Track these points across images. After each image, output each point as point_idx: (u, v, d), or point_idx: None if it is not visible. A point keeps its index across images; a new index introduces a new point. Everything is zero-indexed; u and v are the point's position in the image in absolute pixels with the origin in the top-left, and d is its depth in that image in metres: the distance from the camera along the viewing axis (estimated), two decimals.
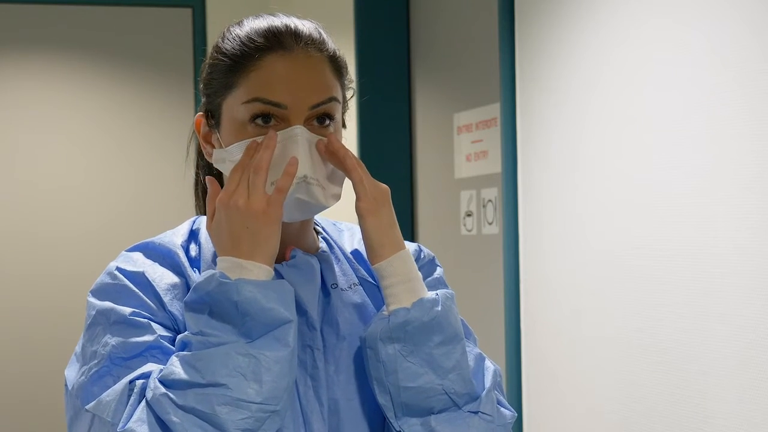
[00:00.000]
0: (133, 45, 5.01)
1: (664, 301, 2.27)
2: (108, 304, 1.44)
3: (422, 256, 1.61)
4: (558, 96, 2.71)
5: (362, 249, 1.60)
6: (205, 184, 1.60)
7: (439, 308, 1.46)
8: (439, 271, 1.61)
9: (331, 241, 1.60)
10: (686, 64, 2.19)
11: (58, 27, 4.95)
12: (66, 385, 1.46)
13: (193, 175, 1.63)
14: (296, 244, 1.53)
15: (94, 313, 1.45)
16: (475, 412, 1.47)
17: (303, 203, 1.45)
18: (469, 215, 3.63)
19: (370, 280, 1.58)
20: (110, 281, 1.47)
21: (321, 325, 1.50)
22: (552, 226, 2.75)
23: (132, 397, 1.37)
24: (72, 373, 1.45)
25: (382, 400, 1.45)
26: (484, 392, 1.48)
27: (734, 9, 2.05)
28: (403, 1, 4.09)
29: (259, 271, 1.39)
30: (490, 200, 3.49)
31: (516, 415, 1.52)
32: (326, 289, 1.53)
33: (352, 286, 1.55)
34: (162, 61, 5.03)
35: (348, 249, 1.61)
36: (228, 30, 1.52)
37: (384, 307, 1.47)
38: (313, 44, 1.48)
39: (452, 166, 3.75)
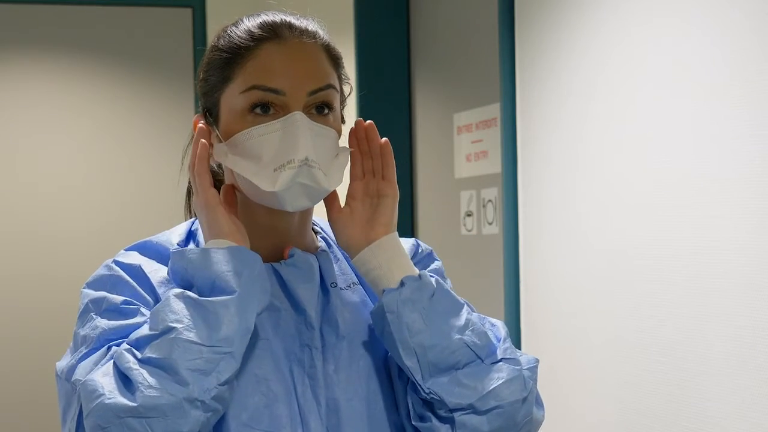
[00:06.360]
0: (133, 45, 5.01)
1: (664, 301, 2.27)
2: (102, 293, 1.47)
3: (420, 251, 1.62)
4: (558, 96, 2.71)
5: None
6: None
7: (434, 279, 1.51)
8: (437, 263, 1.62)
9: (330, 241, 1.60)
10: (686, 64, 2.19)
11: (58, 27, 4.95)
12: (57, 375, 1.47)
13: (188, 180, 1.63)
14: (295, 243, 1.53)
15: (86, 301, 1.48)
16: (498, 361, 1.49)
17: (306, 187, 1.44)
18: (469, 215, 3.63)
19: None
20: (106, 273, 1.50)
21: (320, 325, 1.51)
22: (552, 226, 2.75)
23: (105, 358, 1.40)
24: (63, 362, 1.47)
25: (409, 362, 1.46)
26: (500, 342, 1.51)
27: (735, 9, 2.05)
28: (403, 1, 4.09)
29: (212, 243, 1.45)
30: (490, 200, 3.49)
31: (538, 360, 1.54)
32: (325, 287, 1.53)
33: (351, 285, 1.56)
34: (162, 61, 5.03)
35: None
36: (224, 29, 1.54)
37: (387, 281, 1.50)
38: (308, 34, 1.50)
39: (452, 166, 3.75)
